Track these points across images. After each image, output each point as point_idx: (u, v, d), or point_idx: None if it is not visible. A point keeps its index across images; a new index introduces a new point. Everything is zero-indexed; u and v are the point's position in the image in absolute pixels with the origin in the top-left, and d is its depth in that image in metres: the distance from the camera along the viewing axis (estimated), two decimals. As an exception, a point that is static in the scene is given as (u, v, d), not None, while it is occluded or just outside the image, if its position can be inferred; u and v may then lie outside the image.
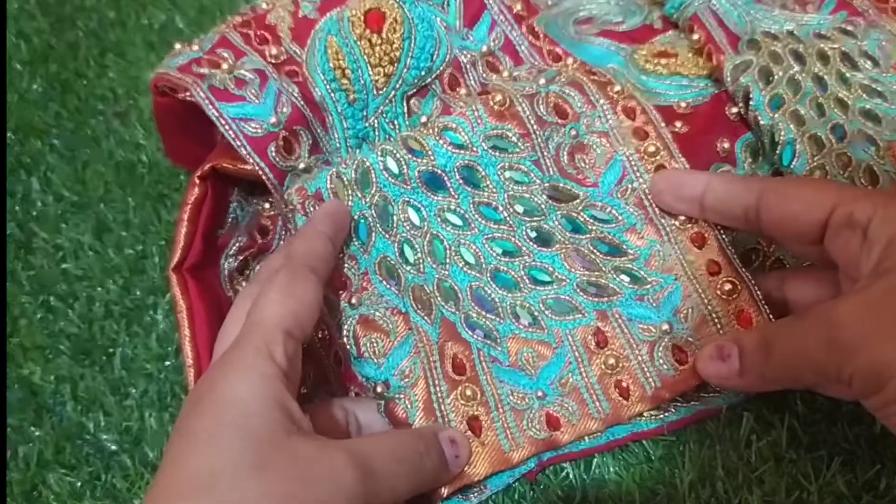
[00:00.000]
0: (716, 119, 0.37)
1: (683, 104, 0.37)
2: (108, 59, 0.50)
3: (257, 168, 0.34)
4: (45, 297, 0.42)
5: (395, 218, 0.34)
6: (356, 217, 0.34)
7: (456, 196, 0.34)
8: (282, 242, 0.38)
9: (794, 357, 0.27)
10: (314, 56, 0.36)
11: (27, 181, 0.46)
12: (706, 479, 0.32)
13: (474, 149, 0.35)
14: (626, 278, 0.33)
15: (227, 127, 0.34)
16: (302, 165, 0.35)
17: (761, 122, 0.35)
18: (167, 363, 0.39)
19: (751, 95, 0.35)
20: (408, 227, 0.34)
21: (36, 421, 0.38)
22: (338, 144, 0.36)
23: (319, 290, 0.29)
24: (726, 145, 0.36)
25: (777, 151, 0.34)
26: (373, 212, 0.34)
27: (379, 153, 0.34)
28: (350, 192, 0.34)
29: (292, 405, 0.26)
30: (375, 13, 0.36)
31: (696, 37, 0.38)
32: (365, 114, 0.36)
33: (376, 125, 0.37)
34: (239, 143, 0.34)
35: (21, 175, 0.46)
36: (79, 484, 0.36)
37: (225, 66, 0.35)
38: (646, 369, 0.32)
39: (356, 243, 0.34)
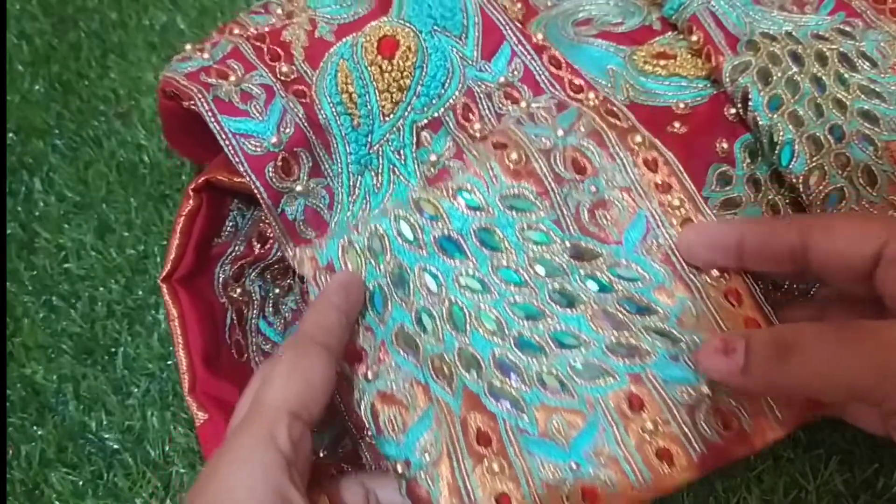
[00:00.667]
0: (714, 120, 0.37)
1: (682, 105, 0.37)
2: (109, 59, 0.51)
3: (252, 186, 0.33)
4: (47, 296, 0.42)
5: (411, 285, 0.32)
6: (371, 286, 0.33)
7: (474, 260, 0.33)
8: (279, 254, 0.37)
9: (824, 370, 0.25)
10: (324, 79, 0.36)
11: (29, 181, 0.46)
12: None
13: (491, 210, 0.33)
14: (658, 338, 0.31)
15: (227, 142, 0.33)
16: (299, 188, 0.34)
17: (760, 123, 0.35)
18: (169, 362, 0.39)
19: (749, 96, 0.35)
20: (425, 294, 0.32)
21: (38, 420, 0.38)
22: (339, 169, 0.36)
23: (331, 367, 0.28)
24: (725, 146, 0.36)
25: (776, 152, 0.34)
26: (388, 280, 0.33)
27: (392, 218, 0.33)
28: (363, 260, 0.33)
29: (293, 495, 0.25)
30: (390, 40, 0.36)
31: (694, 38, 0.38)
32: (369, 140, 0.36)
33: (381, 153, 0.36)
34: (237, 159, 0.33)
35: (23, 175, 0.46)
36: (81, 483, 0.36)
37: (233, 77, 0.35)
38: (689, 433, 0.29)
39: (371, 314, 0.33)
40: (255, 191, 0.34)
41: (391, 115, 0.36)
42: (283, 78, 0.36)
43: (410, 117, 0.36)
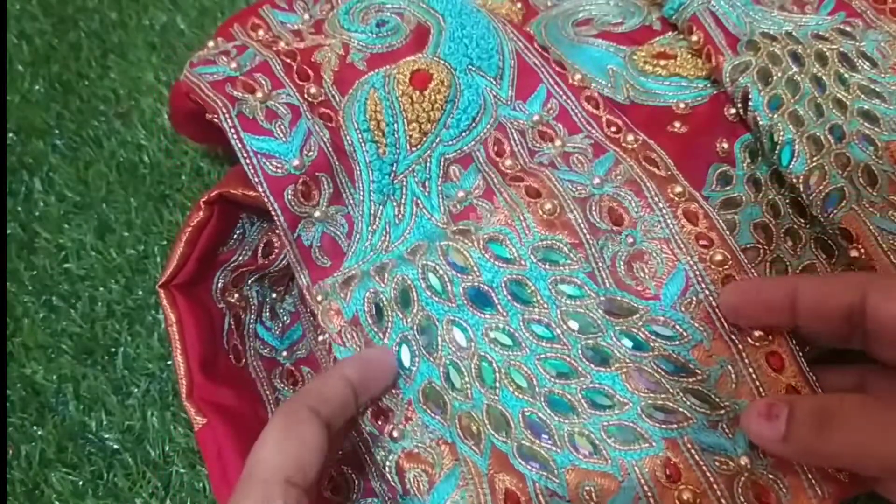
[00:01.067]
0: (714, 120, 0.37)
1: (682, 105, 0.37)
2: (109, 59, 0.51)
3: (270, 208, 0.33)
4: (47, 296, 0.42)
5: (439, 339, 0.31)
6: (397, 340, 0.31)
7: (504, 314, 0.32)
8: (281, 264, 0.37)
9: (866, 443, 0.25)
10: (353, 105, 0.35)
11: (29, 181, 0.46)
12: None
13: (523, 262, 0.32)
14: (696, 401, 0.30)
15: (247, 160, 0.33)
16: (317, 214, 0.34)
17: (760, 123, 0.35)
18: (169, 362, 0.39)
19: (749, 96, 0.35)
20: (453, 349, 0.31)
21: (38, 420, 0.38)
22: (361, 197, 0.35)
23: (321, 433, 0.27)
24: (725, 146, 0.36)
25: (776, 152, 0.34)
26: (415, 333, 0.31)
27: (420, 269, 0.32)
28: (390, 312, 0.32)
29: None
30: (423, 73, 0.36)
31: (694, 38, 0.38)
32: (394, 169, 0.35)
33: (405, 183, 0.35)
34: (257, 179, 0.33)
35: (23, 175, 0.46)
36: (81, 483, 0.36)
37: (259, 93, 0.34)
38: None
39: (398, 371, 0.31)
40: (273, 213, 0.33)
41: (419, 146, 0.35)
42: (310, 99, 0.35)
43: (439, 149, 0.36)
